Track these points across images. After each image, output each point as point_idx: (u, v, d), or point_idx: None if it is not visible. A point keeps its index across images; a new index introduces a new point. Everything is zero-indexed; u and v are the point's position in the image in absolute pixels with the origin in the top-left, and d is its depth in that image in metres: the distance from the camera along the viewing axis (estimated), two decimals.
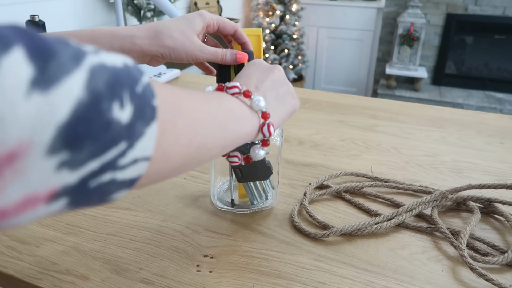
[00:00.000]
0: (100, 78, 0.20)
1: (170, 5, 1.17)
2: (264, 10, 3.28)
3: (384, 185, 0.61)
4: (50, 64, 0.18)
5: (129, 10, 2.05)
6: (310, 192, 0.59)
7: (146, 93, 0.23)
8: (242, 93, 0.36)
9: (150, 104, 0.23)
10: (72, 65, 0.19)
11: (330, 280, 0.45)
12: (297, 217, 0.54)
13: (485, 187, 0.56)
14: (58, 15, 1.75)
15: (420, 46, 3.05)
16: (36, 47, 0.18)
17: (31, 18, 0.88)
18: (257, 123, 0.37)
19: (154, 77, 1.09)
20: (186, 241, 0.50)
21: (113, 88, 0.21)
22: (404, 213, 0.53)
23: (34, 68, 0.17)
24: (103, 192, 0.22)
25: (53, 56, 0.18)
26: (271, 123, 0.38)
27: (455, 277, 0.45)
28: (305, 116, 0.89)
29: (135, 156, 0.22)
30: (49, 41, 0.19)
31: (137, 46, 0.45)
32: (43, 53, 0.18)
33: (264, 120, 0.37)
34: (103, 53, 0.22)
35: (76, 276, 0.45)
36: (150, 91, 0.24)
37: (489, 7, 2.98)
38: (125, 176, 0.23)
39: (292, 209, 0.56)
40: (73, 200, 0.21)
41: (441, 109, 0.95)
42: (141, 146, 0.23)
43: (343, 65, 3.64)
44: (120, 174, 0.22)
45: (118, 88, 0.21)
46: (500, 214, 0.55)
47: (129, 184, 0.24)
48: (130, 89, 0.22)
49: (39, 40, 0.18)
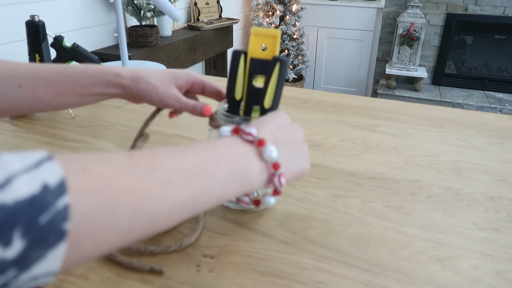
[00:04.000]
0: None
1: (170, 5, 1.17)
2: (264, 10, 3.28)
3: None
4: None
5: (129, 10, 2.05)
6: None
7: (54, 220, 0.22)
8: (256, 141, 0.37)
9: (56, 230, 0.22)
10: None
11: (330, 280, 0.45)
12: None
13: None
14: (58, 15, 1.75)
15: (420, 46, 3.05)
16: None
17: (31, 18, 0.88)
18: (266, 174, 0.37)
19: None
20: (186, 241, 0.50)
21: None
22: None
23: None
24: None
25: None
26: (282, 173, 0.38)
27: (455, 277, 0.45)
28: (305, 116, 0.89)
29: (33, 275, 0.22)
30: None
31: (119, 83, 0.50)
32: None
33: (275, 170, 0.37)
34: (17, 180, 0.21)
35: (76, 276, 0.45)
36: (62, 216, 0.22)
37: (489, 7, 2.98)
38: (24, 287, 0.22)
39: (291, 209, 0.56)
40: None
41: (441, 109, 0.95)
42: (41, 267, 0.22)
43: (343, 65, 3.65)
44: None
45: (3, 231, 0.20)
46: None
47: (37, 286, 0.23)
48: (25, 225, 0.21)
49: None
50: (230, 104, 0.52)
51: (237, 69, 0.49)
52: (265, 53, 0.48)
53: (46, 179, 0.22)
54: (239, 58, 0.48)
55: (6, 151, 0.23)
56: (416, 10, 3.00)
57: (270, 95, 0.48)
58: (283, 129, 0.42)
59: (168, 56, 2.19)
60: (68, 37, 1.79)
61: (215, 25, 2.62)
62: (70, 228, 0.23)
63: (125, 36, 1.22)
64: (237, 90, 0.50)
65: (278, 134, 0.40)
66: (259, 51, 0.48)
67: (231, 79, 0.49)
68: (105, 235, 0.25)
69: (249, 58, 0.49)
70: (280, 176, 0.37)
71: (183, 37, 2.32)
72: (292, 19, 3.27)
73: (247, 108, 0.51)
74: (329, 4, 3.49)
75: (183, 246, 0.48)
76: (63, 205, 0.22)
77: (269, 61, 0.48)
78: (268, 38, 0.48)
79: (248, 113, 0.51)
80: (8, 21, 1.53)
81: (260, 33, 0.48)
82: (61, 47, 0.95)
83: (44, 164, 0.23)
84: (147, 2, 2.03)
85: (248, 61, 0.49)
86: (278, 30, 0.48)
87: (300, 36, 3.38)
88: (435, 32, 3.17)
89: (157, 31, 2.08)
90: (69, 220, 0.23)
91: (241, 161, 0.35)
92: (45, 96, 0.47)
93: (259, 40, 0.48)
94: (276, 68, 0.47)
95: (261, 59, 0.48)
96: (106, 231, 0.25)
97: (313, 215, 0.56)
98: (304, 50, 3.44)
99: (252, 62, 0.49)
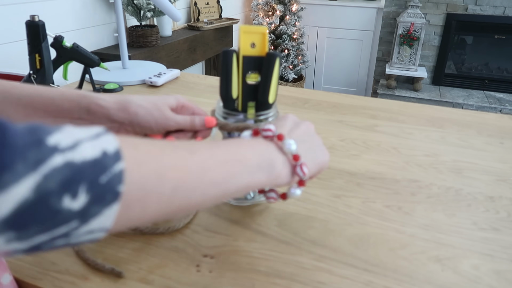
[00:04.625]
0: (54, 179, 0.23)
1: (170, 5, 1.17)
2: (264, 10, 3.28)
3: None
4: (2, 177, 0.21)
5: (129, 10, 2.05)
6: None
7: (112, 181, 0.25)
8: (276, 136, 0.39)
9: (113, 191, 0.25)
10: (26, 171, 0.22)
11: (330, 280, 0.45)
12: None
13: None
14: (58, 15, 1.75)
15: (420, 46, 3.05)
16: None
17: (31, 18, 0.88)
18: (288, 167, 0.39)
19: (154, 77, 1.09)
20: (186, 241, 0.50)
21: (67, 184, 0.23)
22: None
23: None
24: (61, 246, 0.25)
25: (9, 168, 0.21)
26: (304, 163, 0.39)
27: (455, 277, 0.45)
28: (305, 116, 0.89)
29: (90, 228, 0.25)
30: (15, 147, 0.22)
31: (104, 109, 0.45)
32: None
33: (296, 161, 0.39)
34: (83, 145, 0.25)
35: (76, 276, 0.45)
36: (117, 179, 0.25)
37: (489, 7, 2.98)
38: (81, 239, 0.26)
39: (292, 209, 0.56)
40: (29, 253, 0.24)
41: (441, 109, 0.95)
42: (97, 222, 0.25)
43: (343, 65, 3.65)
44: (75, 239, 0.25)
45: (73, 184, 0.23)
46: None
47: (90, 241, 0.26)
48: (89, 182, 0.24)
49: (2, 149, 0.21)
50: (225, 103, 0.52)
51: (232, 68, 0.49)
52: (255, 50, 0.49)
53: (105, 147, 0.26)
54: (231, 57, 0.49)
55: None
56: (416, 10, 3.00)
57: (273, 90, 0.50)
58: (296, 127, 0.43)
59: (168, 56, 2.19)
60: (68, 37, 1.79)
61: (215, 25, 2.62)
62: (123, 191, 0.26)
63: (125, 36, 1.22)
64: (233, 89, 0.50)
65: (294, 131, 0.42)
66: (249, 49, 0.49)
67: (226, 79, 0.50)
68: (151, 202, 0.28)
69: (241, 56, 0.49)
70: (302, 166, 0.39)
71: (183, 37, 2.32)
72: (292, 19, 3.27)
73: (243, 105, 0.52)
74: (329, 4, 3.49)
75: (171, 229, 0.50)
76: (119, 170, 0.26)
77: (261, 57, 0.49)
78: (256, 35, 0.49)
79: (244, 109, 0.52)
80: (8, 21, 1.53)
81: (248, 31, 0.49)
82: (61, 47, 0.95)
83: (103, 136, 0.26)
84: (147, 2, 2.03)
85: (240, 59, 0.49)
86: (264, 27, 0.50)
87: (300, 36, 3.38)
88: (435, 32, 3.17)
89: (157, 31, 2.08)
90: (123, 183, 0.26)
91: (266, 154, 0.38)
92: (14, 115, 0.44)
93: (248, 38, 0.49)
94: (277, 64, 0.49)
95: (252, 56, 0.49)
96: (151, 199, 0.28)
97: (313, 215, 0.56)
98: (304, 50, 3.44)
99: (245, 60, 0.49)
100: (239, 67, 0.50)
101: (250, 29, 0.49)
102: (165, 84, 1.10)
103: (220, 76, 0.50)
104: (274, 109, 0.53)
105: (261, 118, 0.52)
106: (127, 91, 1.05)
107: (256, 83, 0.50)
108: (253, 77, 0.50)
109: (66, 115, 0.45)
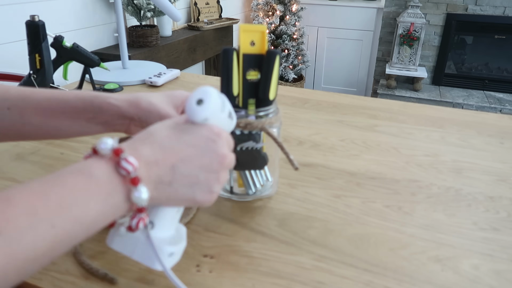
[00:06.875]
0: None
1: (170, 5, 1.17)
2: (264, 10, 3.29)
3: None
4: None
5: (129, 10, 2.05)
6: None
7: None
8: (130, 178, 0.31)
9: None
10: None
11: (330, 280, 0.45)
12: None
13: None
14: (58, 15, 1.75)
15: (420, 46, 3.05)
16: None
17: (31, 18, 0.88)
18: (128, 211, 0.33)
19: (154, 77, 1.09)
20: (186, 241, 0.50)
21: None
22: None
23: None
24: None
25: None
26: (143, 218, 0.33)
27: (455, 277, 0.45)
28: (305, 116, 0.89)
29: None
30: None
31: (115, 107, 0.48)
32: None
33: (138, 213, 0.33)
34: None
35: (76, 276, 0.45)
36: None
37: (489, 7, 2.98)
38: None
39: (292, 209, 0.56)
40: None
41: (441, 109, 0.95)
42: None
43: (343, 65, 3.65)
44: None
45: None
46: None
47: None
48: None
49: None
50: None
51: (232, 66, 0.50)
52: (254, 48, 0.50)
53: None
54: (232, 55, 0.50)
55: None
56: (416, 10, 3.00)
57: (274, 87, 0.51)
58: (196, 154, 0.36)
59: (168, 56, 2.19)
60: (68, 37, 1.79)
61: (215, 25, 2.62)
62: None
63: (125, 36, 1.22)
64: (234, 86, 0.51)
65: (184, 161, 0.35)
66: (249, 47, 0.50)
67: (227, 77, 0.50)
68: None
69: (241, 54, 0.50)
70: (140, 220, 0.33)
71: (183, 37, 2.32)
72: (292, 19, 3.27)
73: (244, 102, 0.52)
74: (329, 4, 3.49)
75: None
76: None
77: (261, 55, 0.50)
78: (256, 33, 0.50)
79: (245, 106, 0.53)
80: (8, 21, 1.53)
81: (248, 29, 0.50)
82: (61, 47, 0.95)
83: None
84: (147, 2, 2.03)
85: (240, 57, 0.50)
86: (264, 25, 0.51)
87: (300, 36, 3.38)
88: (435, 32, 3.17)
89: (157, 31, 2.08)
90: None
91: (108, 205, 0.31)
92: (33, 118, 0.47)
93: (248, 36, 0.50)
94: (277, 61, 0.50)
95: (252, 54, 0.50)
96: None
97: (313, 215, 0.56)
98: (304, 50, 3.45)
99: (245, 58, 0.50)
100: (239, 65, 0.50)
101: (250, 27, 0.50)
102: (165, 84, 1.10)
103: (221, 74, 0.51)
104: (274, 105, 0.54)
105: (262, 114, 0.53)
106: (127, 91, 1.05)
107: (256, 80, 0.51)
108: (253, 75, 0.51)
109: (80, 114, 0.48)
